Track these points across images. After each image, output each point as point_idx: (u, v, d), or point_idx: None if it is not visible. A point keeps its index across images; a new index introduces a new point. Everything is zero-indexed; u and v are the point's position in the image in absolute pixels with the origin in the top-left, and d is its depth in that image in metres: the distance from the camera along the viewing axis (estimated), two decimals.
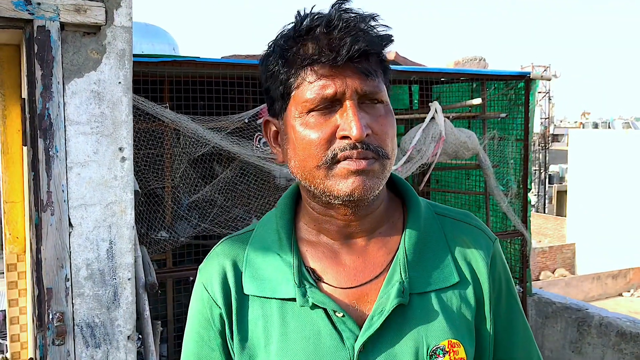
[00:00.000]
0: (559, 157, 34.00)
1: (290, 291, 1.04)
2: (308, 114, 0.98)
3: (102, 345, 2.85)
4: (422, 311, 1.03)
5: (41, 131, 2.62)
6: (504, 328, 1.12)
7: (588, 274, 21.02)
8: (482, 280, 1.08)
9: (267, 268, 1.07)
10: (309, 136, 0.98)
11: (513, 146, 5.82)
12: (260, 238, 1.12)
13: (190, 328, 1.14)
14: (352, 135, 0.95)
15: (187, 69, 4.24)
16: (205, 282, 1.11)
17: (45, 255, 2.69)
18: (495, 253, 1.12)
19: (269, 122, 1.09)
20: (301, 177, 1.02)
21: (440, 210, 1.15)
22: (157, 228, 4.49)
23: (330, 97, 0.97)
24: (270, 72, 1.03)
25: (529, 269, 6.00)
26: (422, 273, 1.05)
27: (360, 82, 0.97)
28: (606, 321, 5.68)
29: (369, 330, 1.00)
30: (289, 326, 1.02)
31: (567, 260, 23.62)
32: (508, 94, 5.87)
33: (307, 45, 0.98)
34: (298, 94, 0.99)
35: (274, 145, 1.09)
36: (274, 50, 1.02)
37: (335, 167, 0.97)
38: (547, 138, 32.12)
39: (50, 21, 2.59)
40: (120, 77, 2.78)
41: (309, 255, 1.08)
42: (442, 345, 1.01)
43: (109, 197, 2.81)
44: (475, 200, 6.17)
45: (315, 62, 0.97)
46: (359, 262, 1.07)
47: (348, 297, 1.04)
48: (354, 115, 0.96)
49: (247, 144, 4.46)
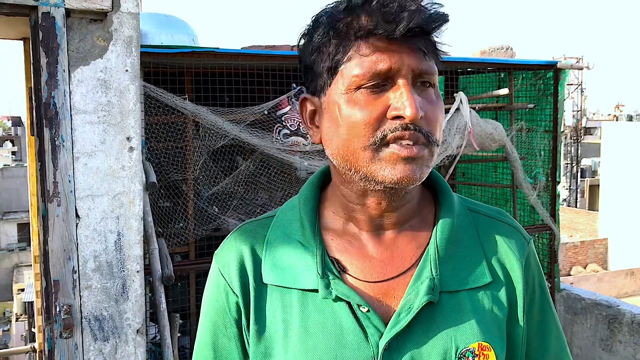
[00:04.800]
0: (591, 150, 33.46)
1: (312, 282, 0.98)
2: (356, 91, 0.92)
3: (111, 338, 2.81)
4: (452, 311, 0.97)
5: (47, 120, 2.58)
6: (536, 332, 1.07)
7: (621, 270, 20.67)
8: (515, 281, 1.03)
9: (288, 257, 1.02)
10: (356, 115, 0.92)
11: (542, 138, 5.67)
12: (282, 225, 1.06)
13: (205, 316, 1.09)
14: (407, 115, 0.89)
15: (206, 60, 4.19)
16: (222, 267, 1.06)
17: (52, 247, 2.65)
18: (529, 253, 1.06)
19: (306, 100, 1.03)
20: (341, 159, 0.96)
21: (473, 207, 1.09)
22: (178, 220, 4.46)
23: (384, 72, 0.91)
24: (316, 45, 0.97)
25: (557, 264, 5.85)
26: (453, 271, 1.00)
27: (417, 60, 0.92)
28: (639, 318, 5.50)
29: (395, 327, 0.94)
30: (310, 319, 0.97)
31: (600, 255, 23.21)
32: (536, 84, 5.71)
33: (362, 17, 0.92)
34: (347, 68, 0.93)
35: (309, 125, 1.04)
36: (321, 22, 0.96)
37: (384, 150, 0.92)
38: (580, 131, 31.56)
39: (55, 7, 2.53)
40: (128, 64, 2.71)
41: (333, 245, 1.03)
42: (472, 347, 0.96)
43: (116, 188, 2.75)
44: (503, 193, 6.03)
45: (371, 34, 0.91)
46: (387, 255, 1.01)
47: (374, 291, 0.98)
48: (409, 94, 0.90)
49: (267, 136, 4.39)
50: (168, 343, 3.29)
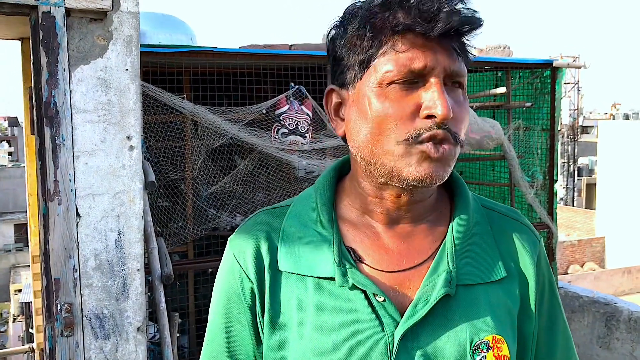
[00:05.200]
0: (588, 149, 33.51)
1: (329, 270, 0.99)
2: (388, 86, 0.93)
3: (111, 336, 2.81)
4: (468, 304, 0.98)
5: (47, 119, 2.58)
6: (545, 328, 1.09)
7: (618, 268, 20.71)
8: (528, 277, 1.05)
9: (304, 245, 1.03)
10: (388, 110, 0.93)
11: (539, 136, 5.68)
12: (298, 214, 1.07)
13: (218, 301, 1.08)
14: (438, 114, 0.90)
15: (204, 59, 4.19)
16: (237, 253, 1.05)
17: (52, 246, 2.66)
18: (540, 252, 1.09)
19: (333, 91, 1.03)
20: (366, 152, 0.96)
21: (487, 204, 1.11)
22: (177, 220, 4.46)
23: (418, 70, 0.91)
24: (350, 37, 0.97)
25: (555, 262, 5.87)
26: (469, 264, 1.01)
27: (450, 60, 0.93)
28: (636, 316, 5.52)
29: (412, 318, 0.95)
30: (326, 306, 0.97)
31: (597, 253, 23.25)
32: (534, 83, 5.73)
33: (399, 14, 0.92)
34: (380, 63, 0.93)
35: (334, 117, 1.04)
36: (356, 14, 0.96)
37: (415, 147, 0.92)
38: (576, 130, 31.60)
39: (55, 7, 2.54)
40: (128, 63, 2.72)
41: (350, 235, 1.03)
42: (487, 340, 0.97)
43: (117, 187, 2.76)
44: (500, 191, 6.04)
45: (408, 31, 0.91)
46: (403, 246, 1.02)
47: (390, 281, 0.99)
48: (441, 93, 0.91)
49: (265, 135, 4.40)
50: (168, 342, 3.29)
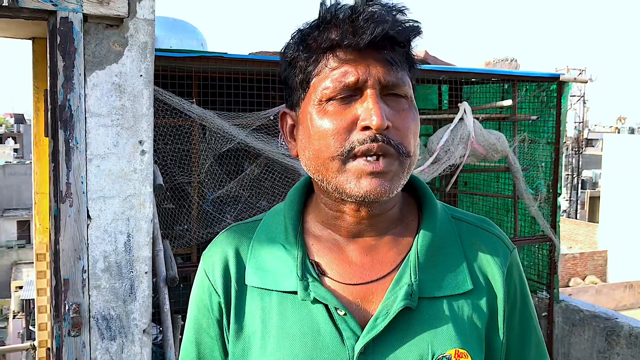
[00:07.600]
0: (592, 162, 33.43)
1: (292, 284, 0.99)
2: (327, 102, 0.94)
3: (118, 338, 2.85)
4: (430, 317, 0.97)
5: (62, 122, 2.63)
6: (516, 342, 1.07)
7: (620, 282, 20.63)
8: (496, 289, 1.02)
9: (271, 259, 1.04)
10: (326, 125, 0.94)
11: (544, 149, 5.70)
12: (267, 228, 1.08)
13: (190, 314, 1.11)
14: (372, 125, 0.90)
15: (214, 64, 4.23)
16: (207, 268, 1.08)
17: (63, 246, 2.70)
18: (512, 263, 1.06)
19: (286, 114, 1.05)
20: (314, 169, 0.98)
21: (458, 215, 1.10)
22: (183, 222, 4.50)
23: (352, 85, 0.92)
24: (289, 60, 0.99)
25: (557, 275, 5.87)
26: (433, 277, 1.00)
27: (384, 71, 0.93)
28: (636, 331, 5.51)
29: (371, 332, 0.95)
30: (288, 320, 0.98)
31: (599, 267, 23.18)
32: (540, 96, 5.75)
33: (330, 30, 0.93)
34: (317, 82, 0.95)
35: (289, 139, 1.05)
36: (293, 37, 0.99)
37: (350, 162, 0.93)
38: (581, 142, 31.56)
39: (73, 13, 2.59)
40: (142, 69, 2.77)
41: (314, 249, 1.04)
42: (448, 354, 0.96)
43: (128, 190, 2.80)
44: (504, 203, 6.05)
45: (337, 47, 0.93)
46: (367, 259, 1.02)
47: (352, 294, 0.99)
48: (375, 103, 0.91)
49: (272, 141, 4.43)
50: (170, 344, 3.33)
